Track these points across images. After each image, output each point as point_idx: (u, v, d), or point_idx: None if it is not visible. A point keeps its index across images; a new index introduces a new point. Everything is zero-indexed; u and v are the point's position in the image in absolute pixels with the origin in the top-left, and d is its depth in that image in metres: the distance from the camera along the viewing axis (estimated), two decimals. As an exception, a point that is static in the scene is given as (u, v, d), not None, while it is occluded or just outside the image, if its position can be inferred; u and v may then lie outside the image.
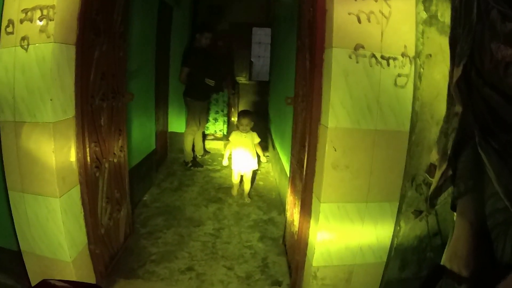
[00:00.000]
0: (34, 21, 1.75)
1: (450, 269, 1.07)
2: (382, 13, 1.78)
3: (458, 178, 1.14)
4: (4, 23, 1.80)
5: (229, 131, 5.88)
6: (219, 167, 5.04)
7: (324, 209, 1.93)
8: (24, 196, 1.92)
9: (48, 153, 1.83)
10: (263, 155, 3.97)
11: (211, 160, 5.43)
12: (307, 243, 2.15)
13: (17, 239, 2.03)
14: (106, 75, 2.28)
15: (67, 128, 1.93)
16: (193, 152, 5.13)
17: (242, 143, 3.88)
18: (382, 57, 1.81)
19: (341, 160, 1.88)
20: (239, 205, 3.84)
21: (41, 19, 1.74)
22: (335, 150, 1.86)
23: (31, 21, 1.76)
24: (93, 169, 2.17)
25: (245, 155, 3.88)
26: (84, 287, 1.38)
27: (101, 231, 2.32)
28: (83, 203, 2.10)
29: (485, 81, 0.85)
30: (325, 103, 1.91)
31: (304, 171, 2.14)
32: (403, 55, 1.83)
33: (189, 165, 4.97)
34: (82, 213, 2.10)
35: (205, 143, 5.71)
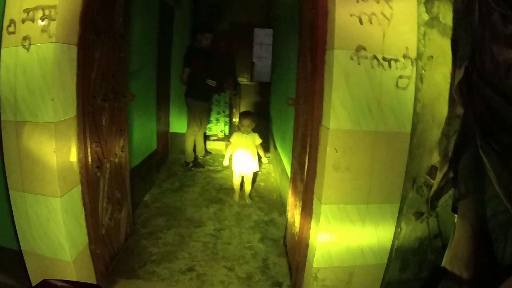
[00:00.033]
0: (35, 21, 1.75)
1: (450, 270, 1.07)
2: (383, 15, 1.78)
3: (459, 180, 1.14)
4: (5, 23, 1.80)
5: (231, 131, 5.88)
6: (220, 168, 5.04)
7: (325, 210, 1.93)
8: (25, 196, 1.92)
9: (49, 153, 1.83)
10: (264, 156, 3.93)
11: (212, 160, 5.43)
12: (307, 244, 2.15)
13: (18, 238, 2.03)
14: (107, 75, 2.28)
15: (68, 128, 1.93)
16: (194, 152, 5.12)
17: (243, 144, 3.84)
18: (383, 58, 1.81)
19: (342, 161, 1.88)
20: (240, 206, 3.83)
21: (42, 19, 1.74)
22: (336, 151, 1.86)
23: (33, 21, 1.76)
24: (94, 169, 2.17)
25: (246, 157, 3.84)
26: (84, 287, 1.39)
27: (102, 231, 2.32)
28: (84, 203, 2.10)
29: (486, 82, 0.85)
30: (326, 104, 1.90)
31: (305, 172, 2.14)
32: (404, 56, 1.83)
33: (190, 165, 4.97)
34: (82, 213, 2.10)
35: (206, 144, 5.70)
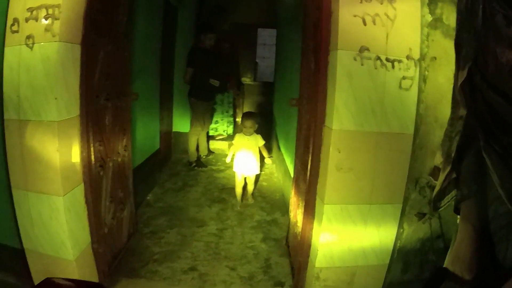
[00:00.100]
0: (39, 20, 1.76)
1: (452, 271, 1.07)
2: (387, 16, 1.78)
3: (461, 181, 1.14)
4: (9, 22, 1.81)
5: (235, 131, 5.88)
6: (223, 168, 5.04)
7: (327, 210, 1.93)
8: (27, 194, 1.92)
9: (52, 152, 1.84)
10: (267, 156, 3.85)
11: (215, 160, 5.43)
12: (310, 244, 2.15)
13: (20, 237, 2.04)
14: (110, 74, 2.29)
15: (71, 127, 1.93)
16: (197, 152, 5.12)
17: (245, 145, 3.73)
18: (387, 59, 1.81)
19: (345, 162, 1.87)
20: (243, 206, 3.83)
21: (46, 18, 1.75)
22: (339, 152, 1.86)
23: (37, 20, 1.76)
24: (97, 168, 2.18)
25: (249, 158, 3.74)
26: (87, 286, 1.40)
27: (104, 230, 2.32)
28: (86, 202, 2.10)
29: (489, 84, 0.85)
30: (329, 105, 1.90)
31: (308, 172, 2.14)
32: (408, 57, 1.82)
33: (193, 165, 4.97)
34: (85, 212, 2.11)
35: (209, 143, 5.70)
